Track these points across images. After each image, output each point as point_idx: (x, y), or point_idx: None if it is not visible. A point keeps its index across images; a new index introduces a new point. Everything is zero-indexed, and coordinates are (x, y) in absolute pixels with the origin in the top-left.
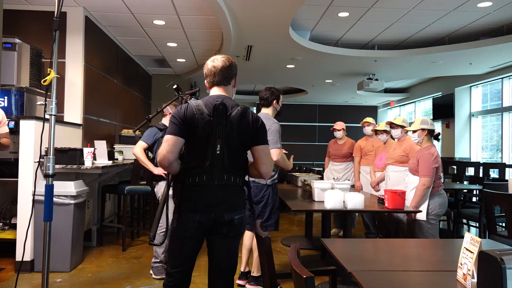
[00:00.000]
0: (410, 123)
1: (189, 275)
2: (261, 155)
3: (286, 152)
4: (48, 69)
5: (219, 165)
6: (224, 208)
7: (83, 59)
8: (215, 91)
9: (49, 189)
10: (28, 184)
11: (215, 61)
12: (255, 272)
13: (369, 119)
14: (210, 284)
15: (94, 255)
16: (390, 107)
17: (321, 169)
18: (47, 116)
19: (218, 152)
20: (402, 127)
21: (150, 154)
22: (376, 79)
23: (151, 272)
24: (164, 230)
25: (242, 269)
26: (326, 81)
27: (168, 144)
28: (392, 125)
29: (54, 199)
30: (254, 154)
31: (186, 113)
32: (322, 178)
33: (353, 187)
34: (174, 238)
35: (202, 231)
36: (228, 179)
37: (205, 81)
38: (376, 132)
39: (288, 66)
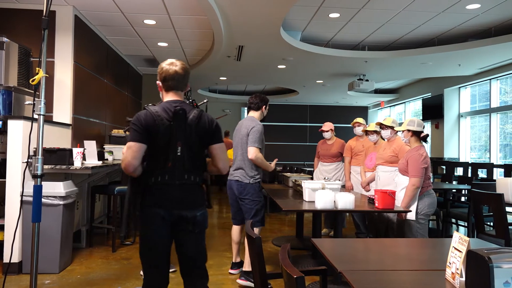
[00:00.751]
0: (401, 124)
1: (165, 273)
2: (218, 153)
3: (277, 159)
4: (37, 68)
5: (180, 166)
6: (185, 206)
7: (72, 59)
8: (172, 96)
9: (38, 189)
10: (16, 184)
11: (177, 66)
12: (246, 267)
13: (359, 120)
14: (184, 277)
15: (84, 256)
16: (380, 107)
17: (312, 169)
18: (35, 116)
19: (179, 154)
20: (392, 127)
21: None
22: (367, 80)
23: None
24: None
25: (233, 260)
26: (317, 81)
27: (132, 150)
28: (381, 125)
29: (42, 199)
30: (212, 152)
31: (146, 119)
32: (312, 179)
33: (343, 187)
34: (142, 236)
35: (167, 226)
36: (188, 178)
37: (160, 83)
38: (366, 132)
39: (279, 66)
